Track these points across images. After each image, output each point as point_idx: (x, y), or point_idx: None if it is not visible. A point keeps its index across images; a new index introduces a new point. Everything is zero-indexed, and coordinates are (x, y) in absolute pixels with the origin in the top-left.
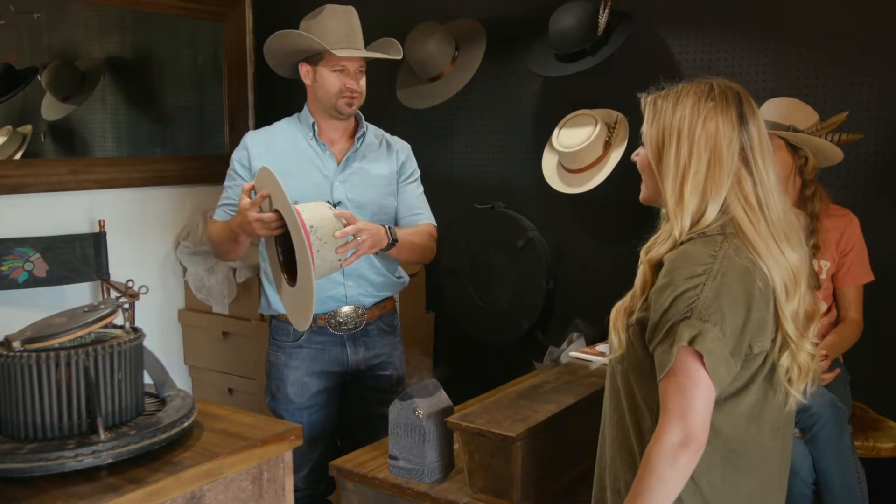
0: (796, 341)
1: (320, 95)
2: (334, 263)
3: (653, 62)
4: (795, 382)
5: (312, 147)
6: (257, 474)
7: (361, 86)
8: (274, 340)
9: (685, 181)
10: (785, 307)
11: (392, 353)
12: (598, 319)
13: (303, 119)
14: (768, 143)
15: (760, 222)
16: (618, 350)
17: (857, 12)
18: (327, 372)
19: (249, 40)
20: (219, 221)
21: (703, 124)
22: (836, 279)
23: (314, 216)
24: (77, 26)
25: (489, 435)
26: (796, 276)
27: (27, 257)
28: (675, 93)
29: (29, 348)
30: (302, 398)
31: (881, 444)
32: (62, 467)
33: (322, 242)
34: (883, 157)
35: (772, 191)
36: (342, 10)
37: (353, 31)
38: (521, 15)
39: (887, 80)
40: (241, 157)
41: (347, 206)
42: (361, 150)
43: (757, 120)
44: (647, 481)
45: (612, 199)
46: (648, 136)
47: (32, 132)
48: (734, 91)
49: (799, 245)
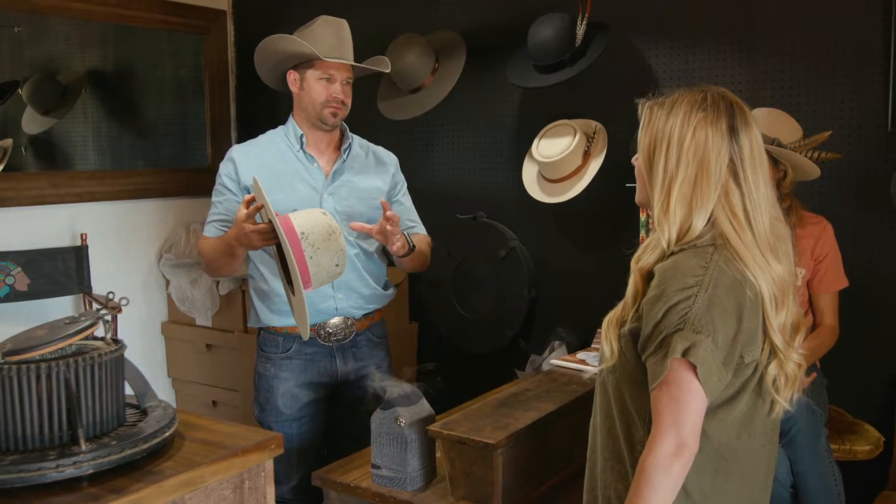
0: (784, 351)
1: (306, 103)
2: (332, 269)
3: (630, 72)
4: (782, 391)
5: (300, 159)
6: (238, 483)
7: (347, 97)
8: (262, 352)
9: (671, 191)
10: (773, 319)
11: (381, 364)
12: (579, 327)
13: (289, 131)
14: (761, 155)
15: (746, 234)
16: (609, 360)
17: (833, 23)
18: (317, 383)
19: (231, 53)
20: (211, 238)
21: (693, 134)
22: (812, 286)
23: (306, 222)
24: (58, 40)
25: (470, 443)
26: (783, 287)
27: (8, 271)
28: (671, 101)
29: (10, 360)
30: (292, 409)
31: (857, 447)
32: (43, 478)
33: (314, 248)
34: (856, 166)
35: (760, 203)
36: (335, 21)
37: (344, 42)
38: (500, 27)
39: (861, 91)
40: (228, 171)
41: (336, 218)
42: (349, 162)
43: (750, 131)
44: (642, 491)
45: (591, 208)
46: (641, 143)
47: (13, 146)
48: (727, 101)
49: (785, 257)
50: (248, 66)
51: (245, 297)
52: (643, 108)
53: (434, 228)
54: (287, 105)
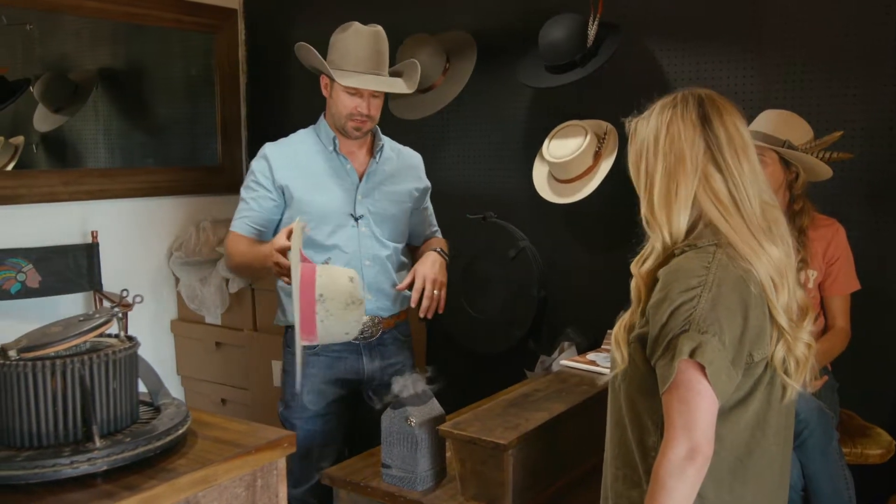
0: (791, 332)
1: (333, 111)
2: (340, 335)
3: (642, 73)
4: (794, 374)
5: (333, 161)
6: (251, 481)
7: (374, 110)
8: (289, 349)
9: (653, 188)
10: (775, 300)
11: (406, 363)
12: (588, 328)
13: (321, 131)
14: (743, 140)
15: (734, 218)
16: (620, 365)
17: (845, 26)
18: (343, 380)
19: (242, 52)
20: (243, 238)
21: (667, 131)
22: (824, 288)
23: (328, 285)
24: (69, 38)
25: (481, 443)
26: (781, 269)
27: (20, 268)
28: (650, 110)
29: (25, 357)
30: (318, 406)
31: (869, 451)
32: (58, 474)
33: (328, 314)
34: (868, 167)
35: (745, 186)
36: (367, 32)
37: (376, 54)
38: (512, 27)
39: (873, 92)
40: (262, 168)
41: (370, 219)
42: (381, 164)
43: (724, 118)
44: (657, 498)
45: (602, 209)
46: (630, 158)
47: (25, 143)
48: (696, 95)
49: (781, 239)
50: (259, 64)
51: (254, 296)
52: (628, 125)
53: (444, 228)
54: (297, 105)
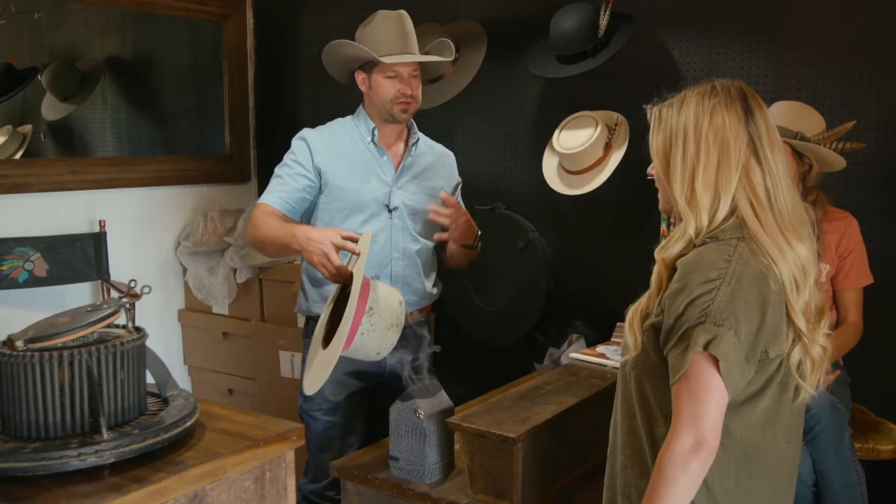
0: (808, 335)
1: (376, 102)
2: (371, 353)
3: (653, 64)
4: (808, 376)
5: (371, 151)
6: (259, 474)
7: (417, 90)
8: (308, 340)
9: (695, 178)
10: (794, 302)
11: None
12: (597, 321)
13: (359, 122)
14: (776, 136)
15: (767, 215)
16: (633, 351)
17: (858, 16)
18: (364, 372)
19: (250, 41)
20: (274, 212)
21: (710, 120)
22: (836, 282)
23: (380, 301)
24: (77, 26)
25: (490, 436)
26: (805, 268)
27: (27, 257)
28: (679, 99)
29: (32, 347)
30: (338, 397)
31: (881, 446)
32: (65, 466)
33: (372, 328)
34: (883, 159)
35: (781, 181)
36: (393, 16)
37: (405, 35)
38: (522, 17)
39: (887, 82)
40: (301, 148)
41: (404, 211)
42: (416, 158)
43: (763, 112)
44: (659, 487)
45: (612, 200)
46: (655, 145)
47: (33, 132)
48: (737, 87)
49: (808, 238)
50: (268, 53)
51: (262, 286)
52: (651, 112)
53: None
54: (305, 94)
